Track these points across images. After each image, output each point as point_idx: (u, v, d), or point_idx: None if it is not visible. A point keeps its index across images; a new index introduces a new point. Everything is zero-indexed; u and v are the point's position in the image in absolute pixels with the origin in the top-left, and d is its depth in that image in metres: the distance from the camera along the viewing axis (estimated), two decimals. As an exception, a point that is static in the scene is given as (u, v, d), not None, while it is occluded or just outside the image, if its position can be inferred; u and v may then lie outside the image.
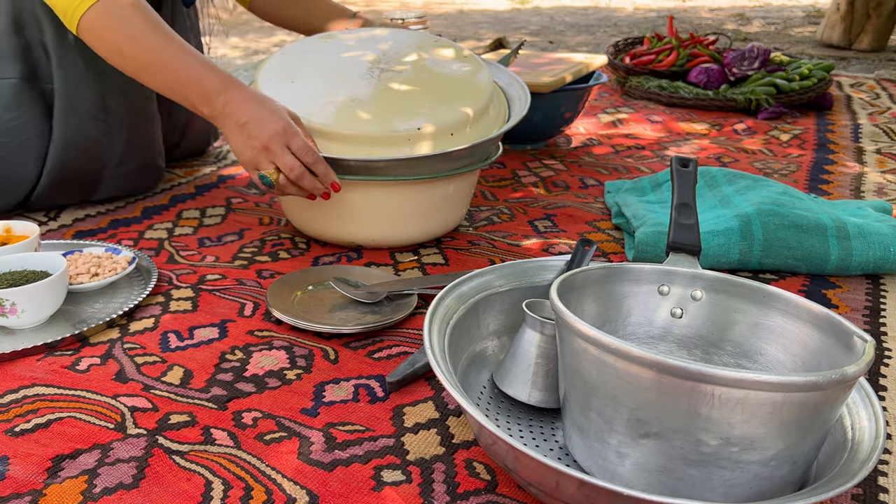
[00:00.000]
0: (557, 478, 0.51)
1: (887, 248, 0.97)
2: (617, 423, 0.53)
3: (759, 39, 3.05)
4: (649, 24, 3.54)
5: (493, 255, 1.05)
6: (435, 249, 1.06)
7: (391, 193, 0.99)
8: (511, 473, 0.58)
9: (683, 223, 0.71)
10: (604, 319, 0.68)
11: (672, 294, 0.68)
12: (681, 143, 1.62)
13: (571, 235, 1.12)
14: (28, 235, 0.92)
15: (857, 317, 0.89)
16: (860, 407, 0.59)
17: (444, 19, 3.75)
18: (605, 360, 0.52)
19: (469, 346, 0.73)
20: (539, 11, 4.16)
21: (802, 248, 0.98)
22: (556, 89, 1.40)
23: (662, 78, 2.05)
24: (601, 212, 1.21)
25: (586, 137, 1.65)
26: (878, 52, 2.72)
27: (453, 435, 0.67)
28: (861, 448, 0.55)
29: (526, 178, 1.38)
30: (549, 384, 0.67)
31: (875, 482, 0.62)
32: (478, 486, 0.61)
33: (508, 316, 0.76)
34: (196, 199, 1.24)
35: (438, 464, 0.63)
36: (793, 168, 1.44)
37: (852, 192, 1.31)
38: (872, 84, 2.19)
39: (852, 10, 2.72)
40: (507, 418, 0.68)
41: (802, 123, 1.78)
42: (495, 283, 0.75)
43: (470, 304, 0.72)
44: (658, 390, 0.50)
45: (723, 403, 0.48)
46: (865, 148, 1.58)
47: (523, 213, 1.21)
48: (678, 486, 0.52)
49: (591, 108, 1.91)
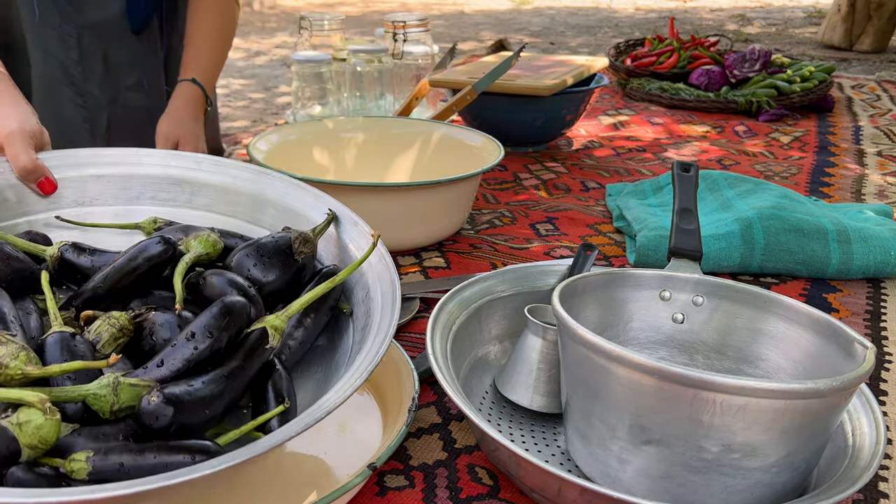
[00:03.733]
0: (559, 484, 0.51)
1: (888, 252, 0.97)
2: (619, 430, 0.53)
3: (760, 40, 3.05)
4: (650, 25, 3.54)
5: (495, 258, 1.05)
6: (437, 253, 1.06)
7: (393, 198, 1.00)
8: (513, 479, 0.58)
9: (685, 228, 0.72)
10: (605, 325, 0.68)
11: (673, 300, 0.69)
12: (682, 145, 1.62)
13: (573, 238, 1.12)
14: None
15: (858, 321, 0.89)
16: (861, 413, 0.59)
17: (445, 20, 3.76)
18: (608, 366, 0.52)
19: (471, 350, 0.73)
20: (540, 12, 4.16)
21: (803, 252, 0.98)
22: (558, 92, 1.40)
23: (663, 80, 2.05)
24: (602, 215, 1.22)
25: (587, 140, 1.66)
26: (878, 53, 2.72)
27: (455, 440, 0.67)
28: (862, 454, 0.55)
29: (527, 180, 1.38)
30: (552, 389, 0.67)
31: (876, 488, 0.62)
32: (480, 491, 0.61)
33: (511, 321, 0.76)
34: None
35: (441, 469, 0.64)
36: (794, 170, 1.44)
37: (853, 195, 1.31)
38: (873, 86, 2.19)
39: (853, 12, 2.72)
40: (509, 423, 0.68)
41: (803, 125, 1.78)
42: (497, 288, 0.75)
43: (472, 309, 0.72)
44: (660, 397, 0.50)
45: (724, 410, 0.48)
46: (866, 150, 1.58)
47: (525, 216, 1.21)
48: (680, 493, 0.52)
49: (592, 111, 1.92)
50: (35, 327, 0.58)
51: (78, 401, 0.49)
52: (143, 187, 0.78)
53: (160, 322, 0.58)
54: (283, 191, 0.76)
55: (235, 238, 0.71)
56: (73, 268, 0.65)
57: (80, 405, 0.50)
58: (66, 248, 0.66)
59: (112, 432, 0.48)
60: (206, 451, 0.47)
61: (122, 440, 0.48)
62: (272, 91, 2.14)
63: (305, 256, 0.67)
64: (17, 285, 0.62)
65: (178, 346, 0.53)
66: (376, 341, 0.56)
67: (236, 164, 0.79)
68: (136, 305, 0.62)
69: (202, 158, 0.79)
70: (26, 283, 0.63)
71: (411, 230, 1.03)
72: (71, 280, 0.66)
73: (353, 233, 0.71)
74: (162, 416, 0.48)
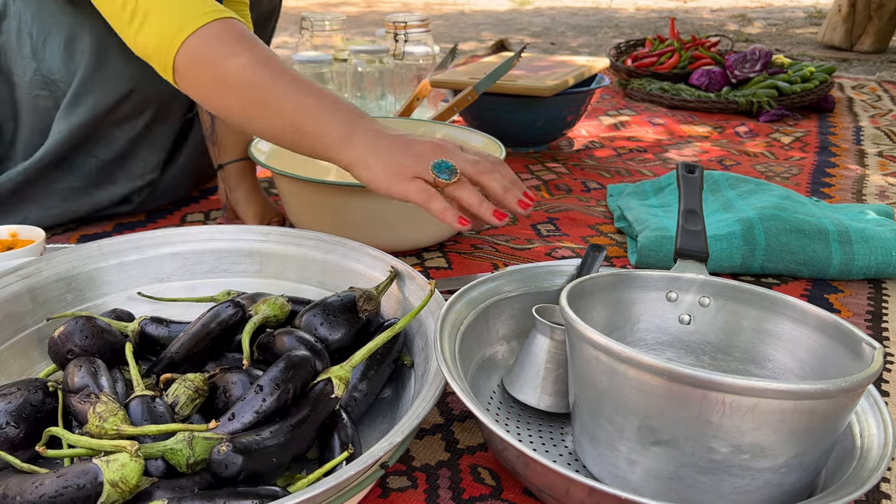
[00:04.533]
0: (568, 484, 0.51)
1: (889, 253, 0.97)
2: (627, 431, 0.53)
3: (761, 40, 3.05)
4: (651, 25, 3.54)
5: (497, 258, 1.05)
6: (438, 254, 1.06)
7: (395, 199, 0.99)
8: (521, 479, 0.58)
9: (690, 229, 0.71)
10: (613, 326, 0.68)
11: (680, 300, 0.69)
12: (683, 145, 1.62)
13: (574, 239, 1.12)
14: (34, 240, 0.92)
15: (860, 321, 0.90)
16: (869, 414, 0.59)
17: (446, 20, 3.76)
18: (616, 368, 0.52)
19: (479, 351, 0.73)
20: (540, 12, 4.16)
21: (805, 253, 0.98)
22: (559, 93, 1.40)
23: (664, 80, 2.05)
24: (604, 215, 1.22)
25: (588, 140, 1.66)
26: (879, 53, 2.72)
27: (458, 440, 0.67)
28: (870, 456, 0.55)
29: (528, 181, 1.38)
30: (559, 389, 0.67)
31: (877, 488, 0.62)
32: (483, 491, 0.61)
33: (518, 321, 0.76)
34: (200, 203, 1.25)
35: (443, 469, 0.64)
36: (795, 171, 1.45)
37: (854, 196, 1.31)
38: (874, 86, 2.20)
39: (853, 12, 2.72)
40: (516, 422, 0.68)
41: (804, 126, 1.78)
42: (504, 288, 0.75)
43: (480, 310, 0.72)
44: (668, 398, 0.50)
45: (734, 411, 0.48)
46: (867, 150, 1.58)
47: (526, 216, 1.20)
48: (689, 494, 0.52)
49: (593, 111, 1.92)
50: (121, 394, 0.62)
51: (157, 456, 0.53)
52: (217, 261, 0.84)
53: (233, 381, 0.62)
54: (344, 253, 0.81)
55: (302, 303, 0.75)
56: (152, 339, 0.71)
57: (160, 462, 0.54)
58: (145, 323, 0.71)
59: (188, 485, 0.52)
60: (274, 496, 0.50)
61: (198, 491, 0.51)
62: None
63: (369, 313, 0.71)
64: (109, 357, 0.67)
65: (248, 401, 0.57)
66: (433, 386, 0.59)
67: (301, 233, 0.84)
68: (211, 367, 0.67)
69: (269, 230, 0.84)
70: (116, 355, 0.68)
71: (413, 230, 1.03)
72: (150, 351, 0.71)
73: (412, 286, 0.74)
74: (231, 464, 0.51)
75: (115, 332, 0.69)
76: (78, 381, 0.60)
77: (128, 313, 0.75)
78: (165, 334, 0.70)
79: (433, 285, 0.68)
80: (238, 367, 0.64)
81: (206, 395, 0.62)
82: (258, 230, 0.85)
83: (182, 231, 0.84)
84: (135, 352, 0.67)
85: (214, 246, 0.84)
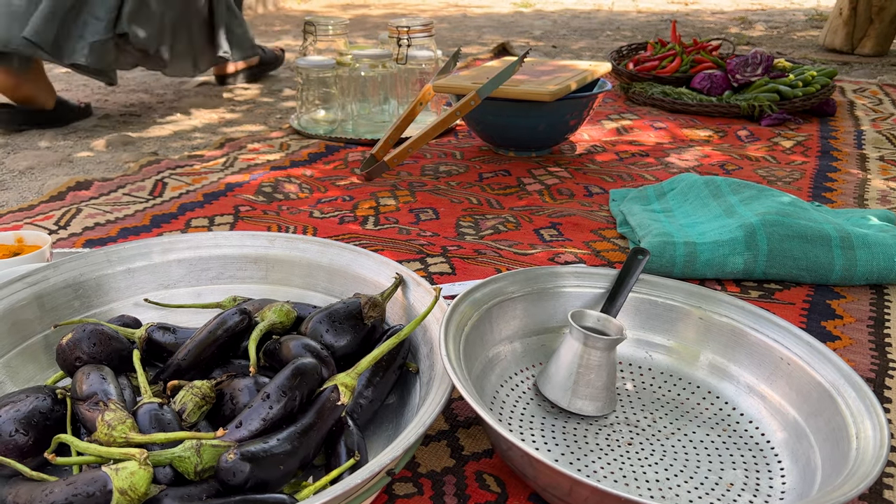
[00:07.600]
0: (571, 484, 0.52)
1: (891, 259, 0.98)
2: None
3: (762, 43, 3.05)
4: (652, 28, 3.55)
5: (500, 263, 1.05)
6: (441, 258, 1.07)
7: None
8: (526, 478, 0.59)
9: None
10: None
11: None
12: (684, 149, 1.63)
13: (577, 244, 1.13)
14: (40, 245, 0.93)
15: (862, 327, 0.90)
16: (865, 417, 0.60)
17: (448, 23, 3.76)
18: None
19: (483, 351, 0.74)
20: (542, 15, 4.17)
21: (807, 259, 0.99)
22: (561, 97, 1.41)
23: (666, 84, 2.06)
24: (606, 220, 1.22)
25: (590, 144, 1.66)
26: (880, 56, 2.72)
27: (463, 447, 0.68)
28: (865, 458, 0.56)
29: (531, 185, 1.38)
30: (589, 393, 0.70)
31: (881, 496, 0.63)
32: (488, 498, 0.62)
33: (521, 321, 0.78)
34: (204, 208, 1.25)
35: (449, 476, 0.64)
36: (796, 175, 1.45)
37: (856, 200, 1.32)
38: (875, 90, 2.20)
39: (855, 15, 2.72)
40: (519, 422, 0.69)
41: (805, 130, 1.78)
42: (508, 290, 0.77)
43: (484, 311, 0.73)
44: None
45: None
46: (868, 155, 1.59)
47: (529, 221, 1.21)
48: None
49: (595, 115, 1.92)
50: (129, 401, 0.63)
51: (165, 463, 0.54)
52: (223, 267, 0.85)
53: (239, 388, 0.63)
54: (350, 259, 0.82)
55: (308, 308, 0.76)
56: (159, 346, 0.71)
57: (168, 470, 0.55)
58: (152, 329, 0.72)
59: (196, 492, 0.53)
60: (281, 503, 0.51)
61: (206, 499, 0.52)
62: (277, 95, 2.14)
63: (374, 319, 0.71)
64: (116, 363, 0.68)
65: (255, 408, 0.57)
66: (439, 392, 0.60)
67: (306, 239, 0.85)
68: (218, 374, 0.68)
69: (274, 237, 0.85)
70: (123, 362, 0.69)
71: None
72: (157, 357, 0.72)
73: (418, 293, 0.75)
74: (239, 472, 0.52)
75: (122, 338, 0.70)
76: (86, 389, 0.60)
77: (135, 320, 0.75)
78: (172, 341, 0.71)
79: (438, 292, 0.68)
80: (245, 374, 0.65)
81: (214, 401, 0.62)
82: (264, 236, 0.86)
83: (188, 237, 0.85)
84: (142, 358, 0.68)
85: (220, 252, 0.85)
